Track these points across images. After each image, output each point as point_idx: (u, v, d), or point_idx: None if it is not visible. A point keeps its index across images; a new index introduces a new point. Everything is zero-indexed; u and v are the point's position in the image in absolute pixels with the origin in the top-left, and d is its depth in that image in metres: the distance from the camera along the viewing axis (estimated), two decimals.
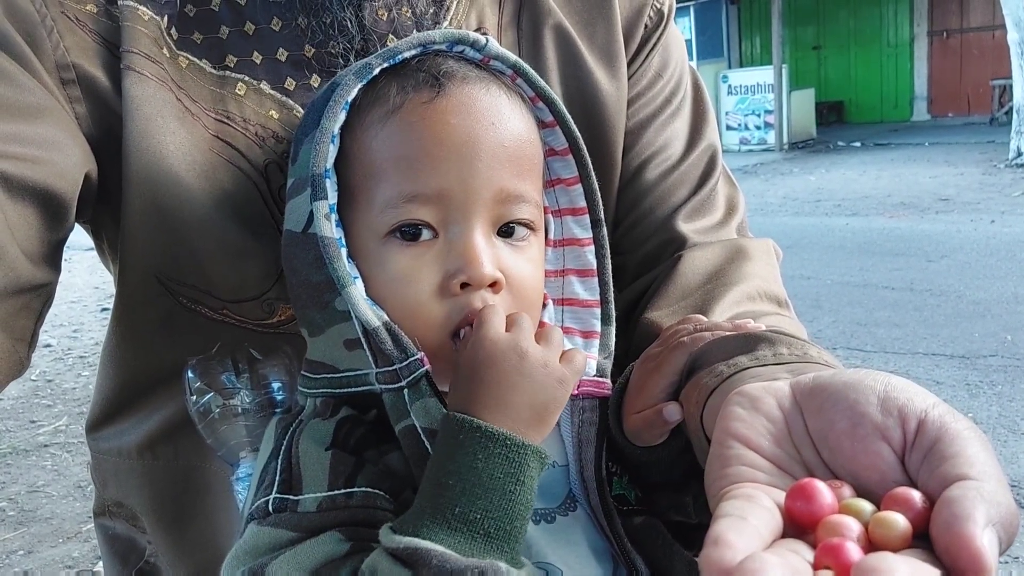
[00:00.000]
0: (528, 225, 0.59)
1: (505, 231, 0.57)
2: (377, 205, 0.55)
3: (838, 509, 0.37)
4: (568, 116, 0.62)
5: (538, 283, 0.60)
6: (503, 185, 0.56)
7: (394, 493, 0.52)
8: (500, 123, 0.56)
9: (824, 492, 0.37)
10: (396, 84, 0.56)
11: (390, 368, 0.54)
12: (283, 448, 0.55)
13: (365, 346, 0.54)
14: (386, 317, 0.54)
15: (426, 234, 0.55)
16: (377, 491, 0.52)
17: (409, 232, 0.55)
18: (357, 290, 0.54)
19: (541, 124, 0.62)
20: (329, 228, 0.54)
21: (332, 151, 0.56)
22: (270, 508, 0.51)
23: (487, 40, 0.59)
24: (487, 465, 0.48)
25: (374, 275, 0.56)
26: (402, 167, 0.54)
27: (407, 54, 0.57)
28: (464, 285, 0.55)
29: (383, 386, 0.54)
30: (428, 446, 0.52)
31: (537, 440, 0.50)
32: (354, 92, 0.56)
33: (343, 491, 0.51)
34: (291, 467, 0.53)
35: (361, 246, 0.56)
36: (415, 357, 0.53)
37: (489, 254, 0.55)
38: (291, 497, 0.52)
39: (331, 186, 0.55)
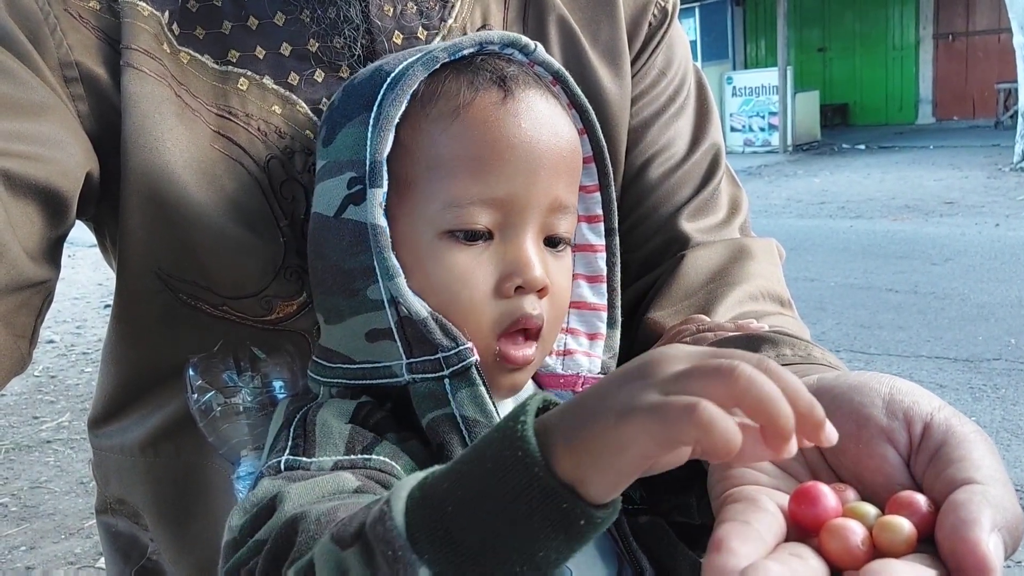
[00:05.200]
0: (568, 240, 0.59)
1: (548, 241, 0.58)
2: (439, 201, 0.55)
3: (842, 513, 0.37)
4: (598, 126, 0.63)
5: (569, 292, 0.61)
6: (558, 194, 0.56)
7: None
8: (560, 132, 0.57)
9: (828, 496, 0.37)
10: (464, 80, 0.56)
11: (431, 357, 0.53)
12: (296, 418, 0.54)
13: (398, 336, 0.54)
14: (429, 308, 0.54)
15: (483, 236, 0.55)
16: (394, 464, 0.51)
17: (470, 235, 0.55)
18: (403, 280, 0.54)
19: None
20: (381, 216, 0.54)
21: (391, 139, 0.55)
22: (282, 467, 0.50)
23: (536, 46, 0.59)
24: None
25: (423, 268, 0.55)
26: (473, 167, 0.54)
27: (467, 51, 0.57)
28: (518, 288, 0.55)
29: (416, 376, 0.53)
30: (467, 435, 0.52)
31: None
32: (418, 82, 0.55)
33: (360, 456, 0.50)
34: (306, 434, 0.52)
35: (409, 238, 0.56)
36: (465, 346, 0.53)
37: (540, 260, 0.56)
38: (304, 459, 0.50)
39: (384, 174, 0.55)
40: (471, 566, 0.34)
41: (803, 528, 0.37)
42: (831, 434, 0.34)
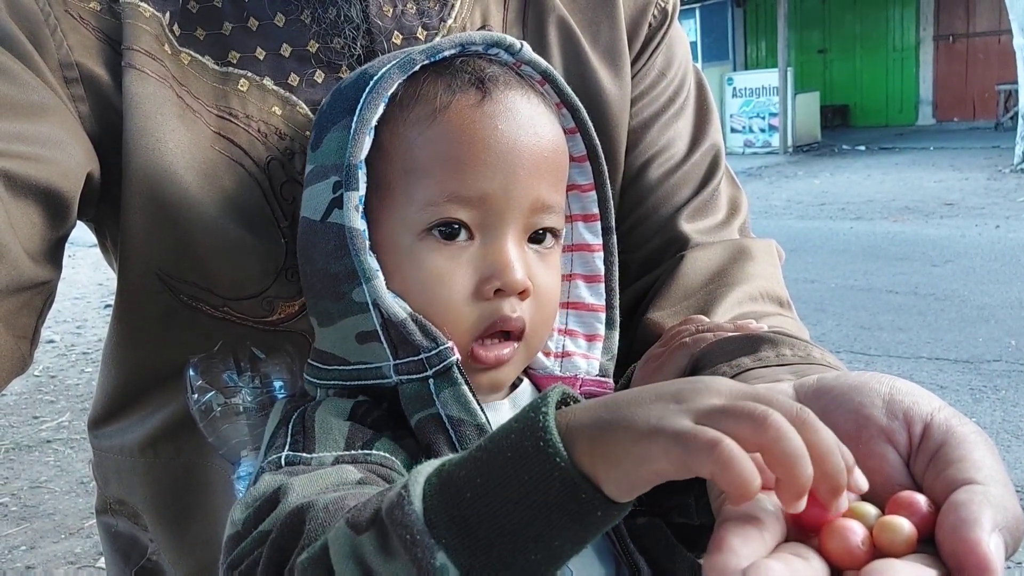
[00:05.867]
0: (554, 233, 0.59)
1: (534, 237, 0.58)
2: (417, 202, 0.55)
3: (842, 513, 0.37)
4: (590, 124, 0.63)
5: (557, 291, 0.61)
6: (539, 194, 0.56)
7: (409, 469, 0.52)
8: (541, 132, 0.57)
9: None
10: (442, 83, 0.56)
11: (414, 358, 0.53)
12: (294, 416, 0.54)
13: (383, 338, 0.54)
14: (410, 309, 0.54)
15: (462, 235, 0.55)
16: (394, 459, 0.51)
17: (446, 231, 0.55)
18: (381, 283, 0.54)
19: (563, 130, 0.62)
20: (357, 219, 0.54)
21: (368, 142, 0.55)
22: (283, 462, 0.50)
23: (521, 45, 0.59)
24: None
25: (402, 270, 0.55)
26: (448, 167, 0.54)
27: (447, 53, 0.57)
28: (497, 291, 0.55)
29: (402, 377, 0.53)
30: (453, 434, 0.52)
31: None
32: (396, 85, 0.56)
33: (361, 451, 0.51)
34: (305, 430, 0.52)
35: (390, 241, 0.56)
36: (445, 346, 0.53)
37: (521, 261, 0.56)
38: (304, 454, 0.51)
39: (362, 177, 0.55)
40: (486, 552, 0.35)
41: (803, 528, 0.37)
42: (841, 505, 0.35)
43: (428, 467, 0.39)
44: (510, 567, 0.35)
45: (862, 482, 0.36)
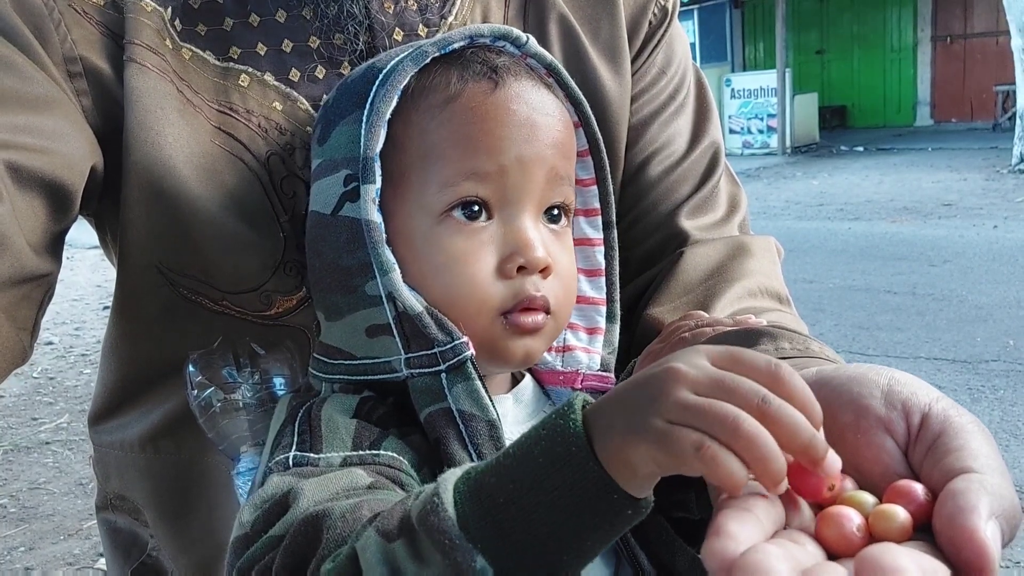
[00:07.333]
0: (566, 211, 0.60)
1: (549, 215, 0.58)
2: (434, 185, 0.55)
3: (840, 500, 0.37)
4: (593, 118, 0.63)
5: (575, 269, 0.61)
6: (554, 164, 0.57)
7: (415, 468, 0.52)
8: (551, 112, 0.58)
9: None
10: (454, 72, 0.56)
11: (428, 352, 0.53)
12: (300, 414, 0.55)
13: (396, 332, 0.54)
14: (425, 303, 0.55)
15: (482, 216, 0.56)
16: (402, 459, 0.51)
17: (468, 211, 0.55)
18: (398, 275, 0.54)
19: None
20: (374, 212, 0.54)
21: (383, 135, 0.55)
22: (290, 463, 0.51)
23: (528, 39, 0.60)
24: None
25: (419, 260, 0.55)
26: (464, 146, 0.55)
27: (457, 44, 0.57)
28: (520, 269, 0.55)
29: (414, 370, 0.54)
30: (464, 429, 0.52)
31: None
32: (408, 77, 0.56)
33: (369, 452, 0.51)
34: (311, 430, 0.53)
35: (405, 231, 0.56)
36: (460, 340, 0.53)
37: (540, 240, 0.56)
38: (312, 455, 0.51)
39: (377, 170, 0.55)
40: (521, 554, 0.36)
41: (802, 496, 0.37)
42: (832, 466, 0.36)
43: (453, 475, 0.40)
44: (543, 567, 0.37)
45: (835, 463, 0.37)
